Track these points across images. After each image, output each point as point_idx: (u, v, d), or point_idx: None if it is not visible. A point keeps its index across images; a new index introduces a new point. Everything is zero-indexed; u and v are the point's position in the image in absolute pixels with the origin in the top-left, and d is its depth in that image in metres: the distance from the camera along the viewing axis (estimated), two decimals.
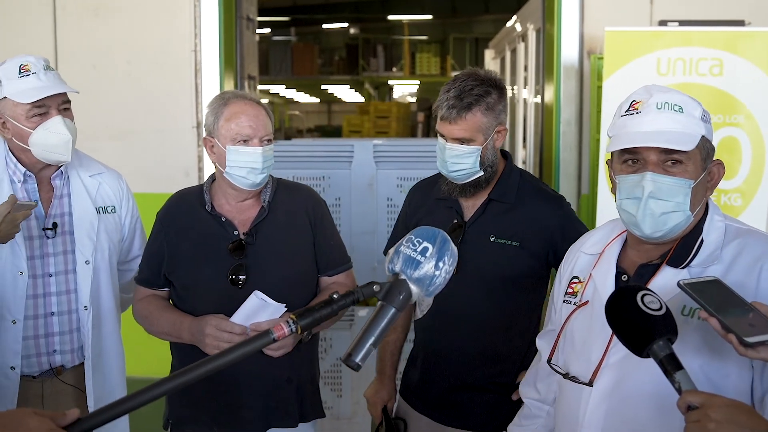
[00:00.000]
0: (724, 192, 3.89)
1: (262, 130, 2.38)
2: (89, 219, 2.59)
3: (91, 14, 5.02)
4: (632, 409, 1.67)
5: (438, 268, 1.52)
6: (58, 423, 1.44)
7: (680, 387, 1.38)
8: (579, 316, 1.84)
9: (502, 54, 8.24)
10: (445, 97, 2.37)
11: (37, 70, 2.45)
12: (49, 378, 2.54)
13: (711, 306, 1.44)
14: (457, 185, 2.46)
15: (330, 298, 1.49)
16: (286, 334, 1.44)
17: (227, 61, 5.12)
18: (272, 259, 2.39)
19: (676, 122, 1.65)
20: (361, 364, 1.44)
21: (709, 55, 3.89)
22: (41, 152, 2.46)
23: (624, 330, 1.48)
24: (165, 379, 1.43)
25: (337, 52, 20.29)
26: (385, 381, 2.73)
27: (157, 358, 2.73)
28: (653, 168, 1.66)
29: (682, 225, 1.67)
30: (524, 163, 6.73)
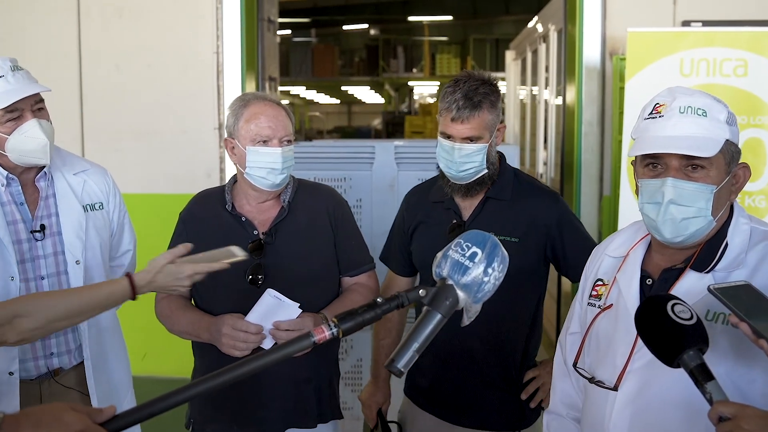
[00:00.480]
0: (748, 194, 3.85)
1: (281, 131, 2.39)
2: (77, 218, 2.55)
3: (115, 16, 5.06)
4: (657, 414, 1.66)
5: (487, 274, 1.50)
6: (94, 419, 1.44)
7: (711, 397, 1.37)
8: (603, 319, 1.83)
9: (523, 55, 8.21)
10: (453, 99, 2.41)
11: (4, 73, 2.37)
12: (47, 379, 2.49)
13: (741, 311, 1.42)
14: (462, 186, 2.49)
15: (374, 302, 1.47)
16: (327, 338, 1.43)
17: (248, 62, 5.15)
18: (291, 259, 2.40)
19: (700, 127, 1.63)
20: (404, 370, 1.42)
21: (734, 56, 3.85)
22: (19, 158, 2.41)
23: (654, 340, 1.46)
24: (206, 378, 1.43)
25: (357, 54, 20.32)
26: (379, 384, 2.77)
27: (173, 358, 2.74)
28: (674, 173, 1.64)
29: (704, 230, 1.66)
30: (546, 165, 6.71)
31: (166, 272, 1.97)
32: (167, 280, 1.99)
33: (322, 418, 2.48)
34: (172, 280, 1.99)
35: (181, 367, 2.83)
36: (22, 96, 2.37)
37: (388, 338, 2.75)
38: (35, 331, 1.88)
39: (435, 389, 2.58)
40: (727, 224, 1.70)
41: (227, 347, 2.29)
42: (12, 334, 1.82)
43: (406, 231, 2.68)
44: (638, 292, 1.75)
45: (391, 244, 2.79)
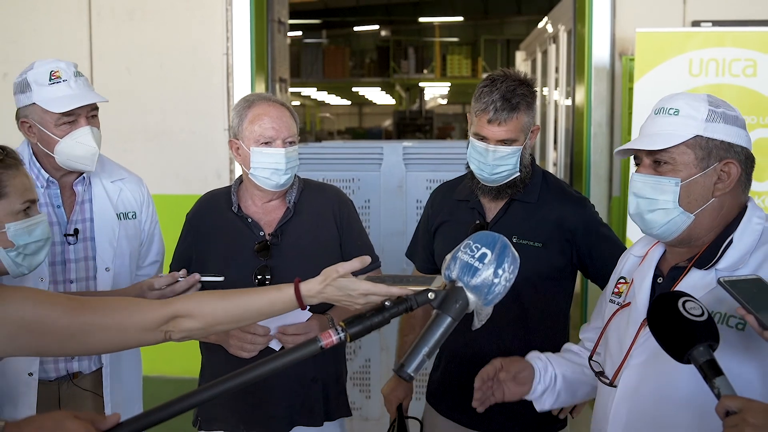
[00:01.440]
0: (757, 194, 3.83)
1: (285, 132, 2.39)
2: (110, 225, 2.57)
3: (126, 18, 5.10)
4: (654, 410, 1.68)
5: (497, 276, 1.49)
6: (97, 427, 1.46)
7: (719, 392, 1.38)
8: (619, 316, 1.86)
9: (533, 56, 8.20)
10: (490, 100, 2.32)
11: (68, 77, 2.42)
12: (65, 381, 2.52)
13: (749, 303, 1.44)
14: (493, 188, 2.44)
15: (382, 305, 1.47)
16: (334, 342, 1.44)
17: (258, 63, 5.17)
18: (297, 260, 2.40)
19: (668, 125, 1.71)
20: (413, 375, 1.41)
21: (743, 56, 3.84)
22: (65, 161, 2.45)
23: (665, 335, 1.48)
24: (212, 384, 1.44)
25: (368, 55, 20.33)
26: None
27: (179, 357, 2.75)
28: (643, 169, 1.73)
29: (679, 223, 1.69)
30: (555, 165, 6.70)
31: (337, 285, 1.78)
32: (337, 294, 1.79)
33: (329, 416, 2.48)
34: (344, 296, 1.78)
35: (188, 367, 2.84)
36: (83, 104, 2.42)
37: (411, 334, 2.69)
38: (195, 331, 1.86)
39: (455, 395, 2.53)
40: (736, 223, 1.70)
41: (235, 348, 2.31)
42: (175, 331, 1.82)
43: (430, 229, 2.64)
44: (649, 290, 1.78)
45: (416, 241, 2.75)
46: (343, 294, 1.78)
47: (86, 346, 1.81)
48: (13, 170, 1.84)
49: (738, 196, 1.72)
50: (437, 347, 1.44)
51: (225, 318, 1.86)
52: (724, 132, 1.68)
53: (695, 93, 1.75)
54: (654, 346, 1.65)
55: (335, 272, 1.78)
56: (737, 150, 1.69)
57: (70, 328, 1.73)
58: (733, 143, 1.69)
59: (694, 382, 1.58)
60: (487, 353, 2.42)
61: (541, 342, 2.43)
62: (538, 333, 2.46)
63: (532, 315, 2.42)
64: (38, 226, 1.91)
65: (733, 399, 1.35)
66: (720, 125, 1.68)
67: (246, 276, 2.37)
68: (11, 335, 1.70)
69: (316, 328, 2.32)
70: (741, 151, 1.70)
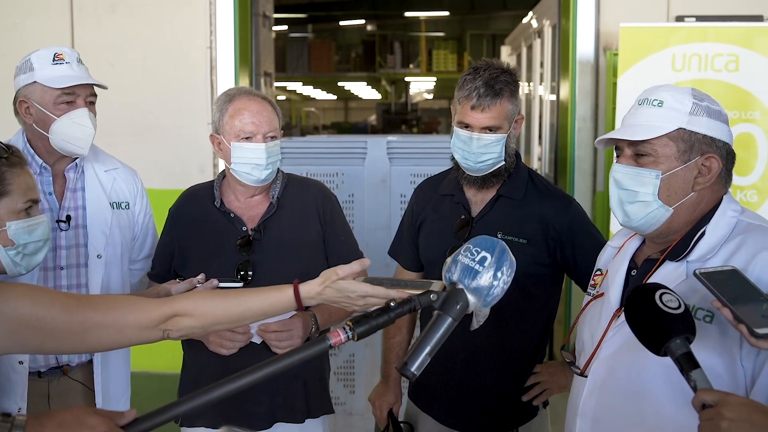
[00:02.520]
0: (740, 188, 3.86)
1: (265, 126, 2.38)
2: (103, 213, 2.59)
3: (108, 11, 5.06)
4: (621, 402, 1.69)
5: (496, 278, 1.55)
6: (116, 422, 1.48)
7: (696, 385, 1.38)
8: (592, 307, 1.87)
9: (519, 50, 8.21)
10: (474, 86, 2.33)
11: (71, 60, 2.49)
12: (55, 377, 2.52)
13: (725, 296, 1.44)
14: (477, 178, 2.43)
15: (387, 306, 1.52)
16: (342, 341, 1.48)
17: (242, 58, 5.14)
18: (280, 255, 2.40)
19: (651, 116, 1.70)
20: (416, 373, 1.47)
21: (725, 51, 3.86)
22: (60, 142, 2.46)
23: (642, 328, 1.48)
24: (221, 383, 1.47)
25: (354, 49, 20.30)
26: (390, 383, 2.71)
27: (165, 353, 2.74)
28: (624, 160, 1.73)
29: (658, 216, 1.70)
30: (540, 160, 6.71)
31: (336, 287, 1.78)
32: (336, 296, 1.80)
33: (311, 413, 2.47)
34: (343, 298, 1.79)
35: (172, 363, 2.83)
36: (84, 82, 2.48)
37: (398, 336, 2.71)
38: (194, 330, 1.86)
39: (438, 392, 2.54)
40: (710, 215, 1.70)
41: (214, 345, 2.30)
42: (174, 330, 1.82)
43: (415, 224, 2.63)
44: (623, 282, 1.79)
45: (400, 238, 2.73)
46: (342, 296, 1.79)
47: (84, 343, 1.81)
48: (17, 169, 1.85)
49: (717, 190, 1.73)
50: (439, 346, 1.49)
51: (224, 318, 1.87)
52: (707, 126, 1.68)
53: (680, 86, 1.75)
54: (624, 338, 1.68)
55: (335, 274, 1.79)
56: (719, 145, 1.70)
57: (69, 325, 1.73)
58: (715, 138, 1.69)
59: (663, 375, 1.61)
60: (473, 351, 2.43)
61: (516, 338, 2.44)
62: (514, 329, 2.45)
63: (514, 313, 2.39)
64: (39, 227, 1.92)
65: (709, 392, 1.35)
66: (703, 119, 1.68)
67: (228, 271, 2.36)
68: (9, 332, 1.69)
69: (298, 325, 2.31)
70: (723, 146, 1.70)
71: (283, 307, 1.86)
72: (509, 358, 2.48)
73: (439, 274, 2.46)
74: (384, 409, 2.68)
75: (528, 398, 2.49)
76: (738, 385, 1.55)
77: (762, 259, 1.57)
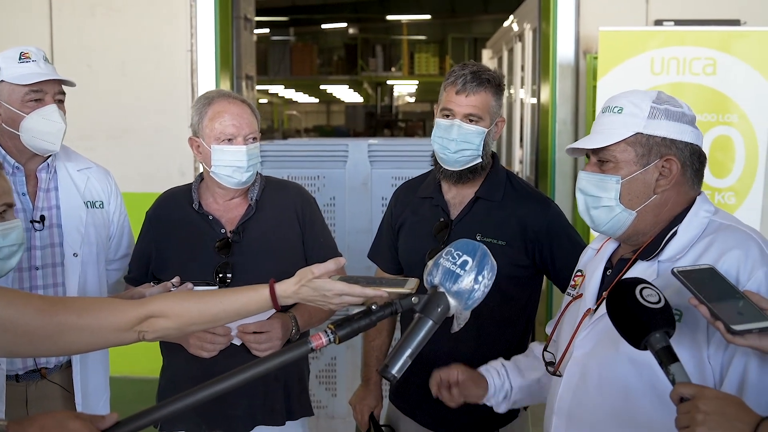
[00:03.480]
0: (718, 191, 3.89)
1: (246, 129, 2.38)
2: (78, 212, 2.58)
3: (87, 14, 5.04)
4: (595, 400, 1.72)
5: (477, 282, 1.57)
6: (97, 426, 1.48)
7: (674, 379, 1.40)
8: (572, 307, 1.89)
9: (500, 54, 8.25)
10: (461, 74, 2.36)
11: (37, 59, 2.49)
12: (33, 381, 2.50)
13: (702, 294, 1.46)
14: (454, 173, 2.42)
15: (369, 309, 1.52)
16: (324, 344, 1.49)
17: (223, 60, 5.14)
18: (259, 257, 2.39)
19: (611, 123, 1.73)
20: (397, 376, 1.48)
21: (703, 55, 3.91)
22: (31, 139, 2.46)
23: (623, 322, 1.50)
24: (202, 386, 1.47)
25: (335, 52, 20.31)
26: (371, 387, 2.70)
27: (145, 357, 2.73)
28: (589, 167, 1.77)
29: (622, 220, 1.73)
30: (521, 163, 6.75)
31: (312, 286, 1.78)
32: (312, 294, 1.79)
33: (291, 416, 2.47)
34: (319, 296, 1.78)
35: (152, 367, 2.81)
36: (50, 78, 2.48)
37: (378, 339, 2.70)
38: (170, 331, 1.85)
39: (419, 395, 2.53)
40: (683, 216, 1.72)
41: (195, 348, 2.29)
42: (149, 331, 1.80)
43: (394, 226, 2.63)
44: (599, 281, 1.82)
45: (380, 241, 2.73)
46: (318, 294, 1.79)
47: (59, 346, 1.79)
48: None
49: (685, 191, 1.74)
50: (420, 348, 1.50)
51: (200, 318, 1.86)
52: (666, 129, 1.70)
53: (644, 91, 1.78)
54: (597, 336, 1.72)
55: (310, 273, 1.79)
56: (680, 146, 1.71)
57: (44, 328, 1.71)
58: (675, 139, 1.70)
59: (634, 372, 1.64)
60: (452, 353, 2.42)
61: (495, 341, 2.44)
62: (493, 331, 2.45)
63: (494, 315, 2.38)
64: (13, 231, 1.90)
65: (687, 386, 1.37)
66: (662, 122, 1.70)
67: (207, 274, 2.35)
68: None
69: (277, 326, 2.30)
70: (685, 147, 1.71)
71: (258, 306, 1.85)
72: (489, 359, 2.48)
73: (418, 277, 2.48)
74: (365, 413, 2.68)
75: None
76: (706, 381, 1.57)
77: (729, 258, 1.59)
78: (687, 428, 1.32)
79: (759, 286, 1.54)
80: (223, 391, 1.48)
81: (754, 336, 1.40)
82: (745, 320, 1.40)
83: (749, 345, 1.41)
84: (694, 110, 1.79)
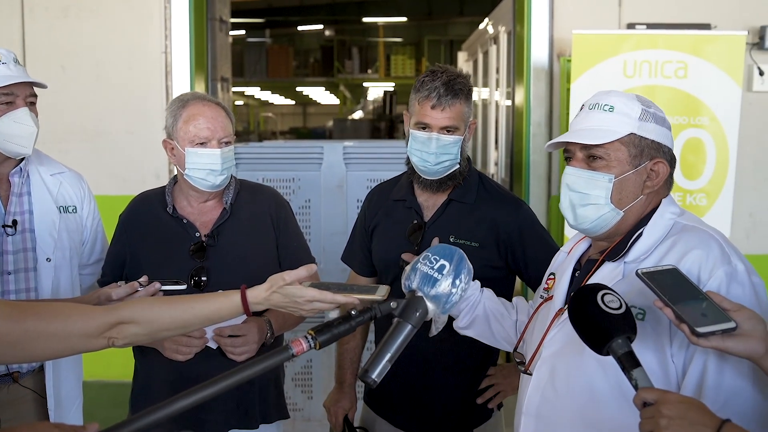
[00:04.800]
0: (689, 192, 3.94)
1: (220, 132, 2.36)
2: (51, 217, 2.56)
3: (60, 15, 4.99)
4: (564, 399, 1.73)
5: (455, 286, 1.58)
6: None
7: (637, 384, 1.41)
8: (543, 309, 1.91)
9: (475, 56, 8.28)
10: (433, 86, 2.34)
11: (8, 61, 2.45)
12: (5, 385, 2.48)
13: (666, 295, 1.46)
14: (434, 182, 2.43)
15: (348, 314, 1.52)
16: (305, 350, 1.48)
17: (198, 62, 5.11)
18: (234, 261, 2.39)
19: (603, 120, 1.73)
20: (377, 380, 1.47)
21: (674, 58, 3.95)
22: (2, 143, 2.44)
23: (585, 328, 1.50)
24: (184, 394, 1.46)
25: (312, 54, 20.27)
26: (345, 389, 2.70)
27: (118, 362, 2.71)
28: (576, 163, 1.76)
29: (608, 219, 1.73)
30: (496, 165, 6.77)
31: (284, 293, 1.80)
32: (284, 301, 1.81)
33: (266, 419, 2.46)
34: (290, 302, 1.80)
35: (126, 372, 2.80)
36: (21, 80, 2.44)
37: (352, 341, 2.70)
38: (140, 336, 1.84)
39: (393, 397, 2.54)
40: (648, 217, 1.75)
41: (170, 352, 2.28)
42: (119, 338, 1.79)
43: (367, 229, 2.63)
44: (568, 283, 1.84)
45: (353, 244, 2.73)
46: (289, 301, 1.80)
47: (27, 353, 1.77)
48: None
49: (662, 194, 1.78)
50: (399, 353, 1.50)
51: (171, 324, 1.85)
52: (655, 132, 1.73)
53: (624, 92, 1.79)
54: (566, 337, 1.72)
55: (282, 280, 1.80)
56: (665, 150, 1.75)
57: (12, 335, 1.68)
58: (662, 143, 1.74)
59: (602, 373, 1.65)
60: (426, 355, 2.44)
61: (471, 343, 2.45)
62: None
63: None
64: None
65: (649, 391, 1.38)
66: (651, 125, 1.73)
67: (182, 277, 2.33)
68: None
69: (253, 330, 2.30)
70: (668, 152, 1.75)
71: (230, 312, 1.86)
72: (463, 362, 2.50)
73: (392, 279, 2.48)
74: (339, 415, 2.68)
75: (482, 401, 2.51)
76: (670, 380, 1.59)
77: (690, 258, 1.61)
78: None
79: (719, 284, 1.56)
80: (205, 399, 1.47)
81: (718, 337, 1.41)
82: (709, 322, 1.41)
83: (713, 346, 1.42)
84: (666, 113, 1.82)
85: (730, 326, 1.40)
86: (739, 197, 4.32)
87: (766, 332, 1.43)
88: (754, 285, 1.60)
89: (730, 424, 1.30)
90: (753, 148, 4.76)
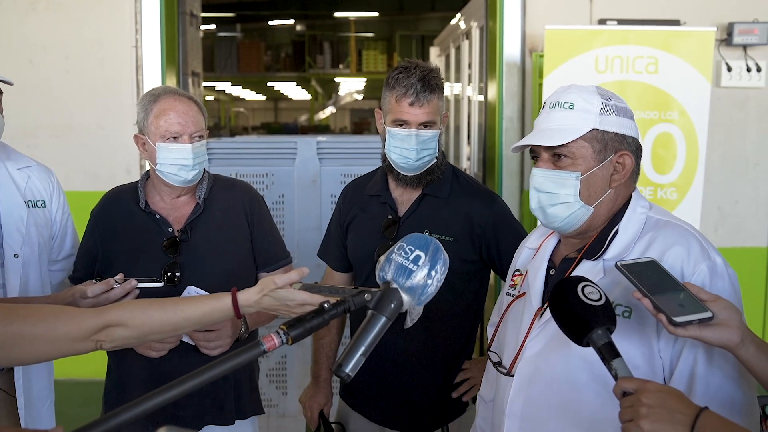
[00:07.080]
0: (660, 186, 3.98)
1: (192, 127, 2.34)
2: (18, 212, 2.51)
3: (29, 8, 4.91)
4: (548, 399, 1.73)
5: (430, 277, 1.55)
6: None
7: (617, 374, 1.42)
8: (515, 307, 1.90)
9: (447, 51, 8.29)
10: (410, 83, 2.35)
11: None
12: None
13: (645, 286, 1.49)
14: (414, 177, 2.45)
15: (321, 308, 1.49)
16: (277, 346, 1.46)
17: (169, 57, 5.06)
18: (207, 256, 2.37)
19: (564, 119, 1.73)
20: (351, 375, 1.45)
21: (645, 54, 3.99)
22: None
23: (565, 320, 1.51)
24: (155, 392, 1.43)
25: (283, 49, 20.17)
26: (320, 384, 2.71)
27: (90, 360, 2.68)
28: (542, 164, 1.76)
29: (580, 216, 1.74)
30: (469, 160, 6.79)
31: (274, 296, 1.78)
32: (275, 304, 1.80)
33: (241, 414, 2.45)
34: (281, 306, 1.79)
35: (97, 370, 2.77)
36: None
37: (328, 336, 2.70)
38: (129, 339, 1.81)
39: (368, 391, 2.55)
40: (621, 213, 1.76)
41: (143, 348, 2.26)
42: (107, 341, 1.76)
43: (342, 225, 2.63)
44: (543, 282, 1.83)
45: (329, 240, 2.72)
46: (280, 304, 1.79)
47: (13, 356, 1.74)
48: None
49: (629, 186, 1.79)
50: (373, 346, 1.48)
51: (160, 327, 1.83)
52: (617, 124, 1.73)
53: (584, 86, 1.78)
54: (548, 337, 1.73)
55: (273, 283, 1.78)
56: (629, 141, 1.75)
57: None
58: (625, 135, 1.75)
59: (587, 370, 1.66)
60: (401, 349, 2.45)
61: (444, 336, 2.47)
62: (442, 327, 2.48)
63: (444, 310, 2.40)
64: None
65: (629, 380, 1.40)
66: (613, 117, 1.73)
67: (154, 273, 2.31)
68: None
69: (227, 325, 2.29)
70: (632, 142, 1.76)
71: (221, 315, 1.85)
72: (438, 355, 2.51)
73: (367, 274, 2.48)
74: (315, 411, 2.68)
75: (457, 395, 2.52)
76: (656, 375, 1.60)
77: (672, 254, 1.63)
78: (630, 422, 1.34)
79: (703, 280, 1.59)
80: (177, 397, 1.45)
81: (695, 327, 1.43)
82: (686, 312, 1.44)
83: (690, 336, 1.44)
84: (637, 107, 1.82)
85: (707, 316, 1.44)
86: (707, 191, 4.38)
87: (741, 322, 1.46)
88: (731, 277, 1.63)
89: (708, 411, 1.32)
90: (721, 143, 4.83)
